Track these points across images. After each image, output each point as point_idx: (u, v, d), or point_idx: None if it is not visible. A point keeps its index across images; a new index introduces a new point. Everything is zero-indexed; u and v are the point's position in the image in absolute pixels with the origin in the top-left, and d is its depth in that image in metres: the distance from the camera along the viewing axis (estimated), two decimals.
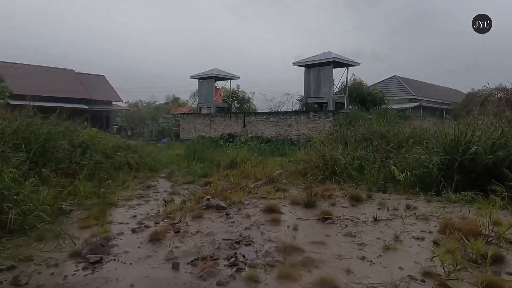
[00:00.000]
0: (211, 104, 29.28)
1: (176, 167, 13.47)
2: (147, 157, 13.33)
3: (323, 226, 5.22)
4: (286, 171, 11.18)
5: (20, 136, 7.83)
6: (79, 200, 7.26)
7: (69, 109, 33.06)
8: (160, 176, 11.57)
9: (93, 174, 9.39)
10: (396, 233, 4.75)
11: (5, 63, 32.86)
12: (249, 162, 13.04)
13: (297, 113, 23.49)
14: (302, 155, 13.56)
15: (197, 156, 14.71)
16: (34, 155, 7.71)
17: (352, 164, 9.50)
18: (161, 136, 33.30)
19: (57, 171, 7.92)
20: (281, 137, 23.36)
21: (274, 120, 24.00)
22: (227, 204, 6.39)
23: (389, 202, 6.69)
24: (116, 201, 7.58)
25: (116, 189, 8.92)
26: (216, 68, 29.52)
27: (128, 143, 14.07)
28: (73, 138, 10.02)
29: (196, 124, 28.89)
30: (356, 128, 13.08)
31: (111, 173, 10.31)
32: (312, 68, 23.57)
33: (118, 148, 12.66)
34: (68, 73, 36.86)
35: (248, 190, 7.60)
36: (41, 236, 5.09)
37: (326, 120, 21.58)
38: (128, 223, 5.87)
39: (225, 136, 25.70)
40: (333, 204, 6.50)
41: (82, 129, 13.63)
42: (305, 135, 22.19)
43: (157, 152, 16.34)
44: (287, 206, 6.43)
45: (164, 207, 6.95)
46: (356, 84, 27.93)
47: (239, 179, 9.12)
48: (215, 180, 9.92)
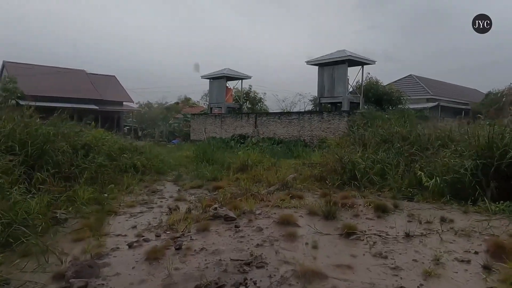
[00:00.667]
0: (222, 104, 28.70)
1: (185, 170, 12.87)
2: (155, 159, 12.77)
3: (347, 243, 4.50)
4: (300, 175, 10.47)
5: (16, 138, 7.30)
6: (77, 207, 6.69)
7: (80, 109, 32.91)
8: (167, 180, 10.98)
9: (95, 178, 8.85)
10: (436, 253, 4.01)
11: (17, 64, 32.86)
12: (261, 165, 12.37)
13: (310, 114, 22.74)
14: (317, 158, 12.83)
15: (207, 158, 14.11)
16: (31, 159, 7.16)
17: (372, 168, 8.74)
18: (171, 137, 32.86)
19: (55, 175, 7.35)
20: (293, 138, 22.62)
21: (287, 121, 23.27)
22: (236, 214, 5.72)
23: (419, 213, 5.92)
24: (117, 208, 6.99)
25: (119, 194, 8.36)
26: (227, 68, 28.95)
27: (135, 144, 13.51)
28: (76, 139, 9.47)
29: (206, 124, 28.34)
30: (374, 129, 12.27)
31: (115, 176, 9.75)
32: (326, 67, 22.78)
33: (124, 150, 12.12)
34: (79, 73, 36.73)
35: (260, 197, 6.91)
36: (26, 251, 4.50)
37: (341, 121, 20.77)
38: (126, 235, 5.25)
39: (236, 137, 25.08)
40: (356, 215, 5.77)
41: (88, 130, 13.18)
42: (318, 136, 21.42)
43: (166, 154, 15.79)
44: (303, 217, 5.72)
45: (168, 216, 6.33)
46: (372, 83, 27.03)
47: (250, 184, 8.45)
48: (224, 184, 9.27)
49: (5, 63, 33.04)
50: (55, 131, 8.26)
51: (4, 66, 32.99)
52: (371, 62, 23.02)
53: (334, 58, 22.26)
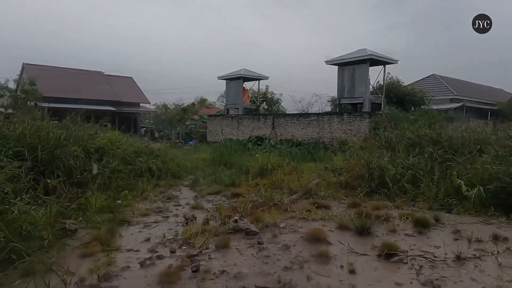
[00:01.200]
0: (238, 105, 28.24)
1: (201, 174, 12.44)
2: (171, 162, 12.35)
3: (388, 267, 3.91)
4: (323, 180, 9.88)
5: (26, 142, 6.95)
6: (88, 216, 6.27)
7: (97, 111, 33.01)
8: (184, 184, 10.55)
9: (109, 184, 8.47)
10: (497, 283, 3.38)
11: (37, 66, 33.19)
12: (281, 169, 11.81)
13: (330, 115, 22.03)
14: (339, 162, 12.20)
15: (224, 161, 13.65)
16: (41, 164, 6.80)
17: (403, 175, 8.07)
18: (188, 138, 32.61)
19: (66, 182, 6.98)
20: (312, 140, 21.97)
21: (305, 122, 22.62)
22: (259, 227, 5.18)
23: (465, 228, 5.27)
24: (130, 217, 6.56)
25: (133, 200, 7.94)
26: (244, 68, 28.48)
27: (151, 147, 13.12)
28: (90, 143, 9.11)
29: (223, 126, 27.93)
30: (401, 131, 11.55)
31: (130, 181, 9.37)
32: (346, 66, 22.04)
33: (139, 153, 11.75)
34: (97, 75, 36.90)
35: (283, 207, 6.35)
36: (29, 269, 4.08)
37: (362, 122, 20.00)
38: (138, 250, 4.79)
39: (253, 138, 24.56)
40: (393, 230, 5.15)
41: (104, 132, 12.90)
42: (338, 138, 20.72)
43: (182, 156, 15.39)
44: (333, 231, 5.14)
45: (184, 227, 5.85)
46: (393, 83, 26.14)
47: (271, 191, 7.91)
48: (243, 191, 8.76)
49: (25, 65, 33.42)
50: (67, 135, 7.87)
51: (23, 68, 33.39)
52: (393, 62, 22.17)
53: (354, 58, 21.51)
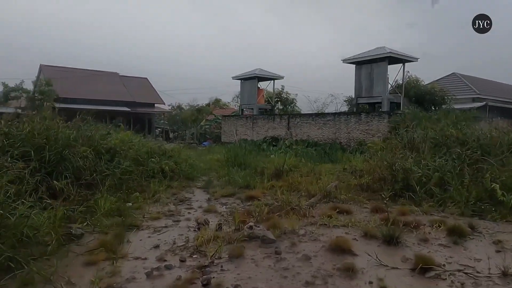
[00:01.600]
0: (253, 105, 27.87)
1: (215, 175, 12.10)
2: (184, 163, 12.05)
3: (424, 283, 3.44)
4: (342, 182, 9.40)
5: (34, 142, 6.71)
6: (96, 220, 5.97)
7: (112, 111, 33.12)
8: (197, 186, 10.21)
9: (120, 185, 8.19)
10: None
11: (54, 67, 33.52)
12: (297, 171, 11.37)
13: (347, 115, 21.46)
14: (359, 163, 11.67)
15: (238, 162, 13.28)
16: (48, 165, 6.54)
17: (429, 177, 7.54)
18: (202, 138, 32.40)
19: (74, 183, 6.70)
20: (329, 140, 21.43)
21: (321, 122, 22.10)
22: (276, 234, 4.76)
23: (507, 238, 4.74)
24: (140, 221, 6.23)
25: (144, 202, 7.63)
26: (258, 68, 28.11)
27: (164, 147, 12.84)
28: (101, 143, 8.85)
29: (238, 126, 27.61)
30: (424, 131, 10.95)
31: (142, 182, 9.09)
32: (364, 65, 21.43)
33: (152, 154, 11.49)
34: (112, 76, 37.08)
35: (301, 211, 5.92)
36: (27, 279, 3.78)
37: (380, 122, 19.38)
38: (146, 259, 4.44)
39: (268, 139, 24.15)
40: (424, 239, 4.65)
41: (116, 132, 12.69)
42: (356, 138, 20.13)
43: (196, 157, 15.09)
44: (358, 240, 4.68)
45: (196, 233, 5.49)
46: (412, 82, 25.35)
47: (288, 194, 7.48)
48: (258, 193, 8.36)
49: (42, 66, 33.81)
50: (76, 135, 7.61)
51: (41, 69, 33.77)
52: (413, 59, 21.44)
53: (373, 56, 20.89)
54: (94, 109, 21.09)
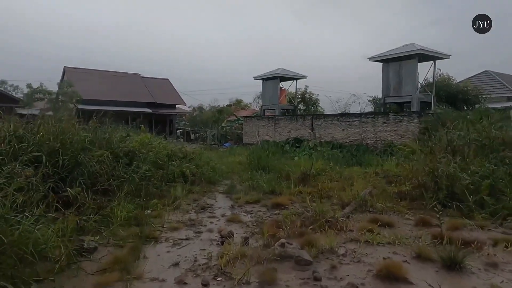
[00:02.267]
0: (275, 106, 27.26)
1: (238, 179, 11.54)
2: (205, 166, 11.55)
3: None
4: (374, 187, 8.66)
5: (49, 145, 6.30)
6: (112, 231, 5.49)
7: (134, 113, 33.16)
8: (219, 191, 9.67)
9: (139, 190, 7.73)
10: None
11: (77, 69, 33.88)
12: (325, 175, 10.67)
13: (374, 115, 20.55)
14: (391, 167, 10.87)
15: (262, 165, 12.69)
16: (62, 170, 6.11)
17: (479, 184, 6.71)
18: (223, 140, 31.99)
19: (89, 190, 6.25)
20: (354, 141, 20.57)
21: (347, 123, 21.24)
22: (313, 254, 4.12)
23: None
24: (158, 232, 5.71)
25: (163, 210, 7.14)
26: (281, 68, 27.47)
27: (185, 150, 12.38)
28: (119, 146, 8.42)
29: (259, 127, 27.02)
30: (465, 132, 10.04)
31: (162, 187, 8.60)
32: (392, 63, 20.48)
33: (173, 156, 11.04)
34: (134, 77, 37.21)
35: (338, 224, 5.24)
36: None
37: (410, 123, 18.38)
38: (164, 280, 3.89)
39: (291, 140, 23.46)
40: (493, 264, 3.90)
41: (136, 134, 12.33)
42: (383, 139, 19.20)
43: (217, 159, 14.60)
44: (410, 263, 3.97)
45: (219, 248, 4.92)
46: (443, 80, 24.15)
47: (319, 202, 6.82)
48: (285, 200, 7.72)
49: (66, 68, 34.22)
50: (92, 138, 7.18)
51: (64, 71, 34.17)
52: (444, 57, 20.34)
53: (401, 53, 19.93)
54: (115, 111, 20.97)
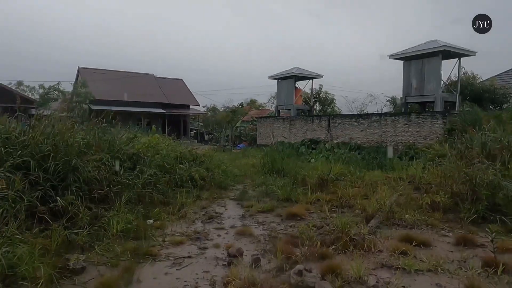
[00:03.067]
0: (290, 106, 26.44)
1: (250, 183, 10.84)
2: (216, 169, 10.87)
3: None
4: (400, 195, 7.82)
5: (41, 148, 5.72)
6: (107, 246, 4.86)
7: (147, 113, 32.86)
8: (230, 197, 8.98)
9: (143, 197, 7.12)
10: None
11: (91, 69, 33.79)
12: (344, 179, 9.87)
13: (394, 115, 19.52)
14: (417, 171, 9.98)
15: (276, 168, 11.97)
16: (54, 176, 5.51)
17: None
18: (238, 141, 31.35)
19: (84, 198, 5.64)
20: (373, 143, 19.59)
21: (365, 124, 20.27)
22: (337, 284, 3.37)
23: None
24: (158, 248, 5.05)
25: (168, 219, 6.49)
26: (296, 67, 26.64)
27: (195, 152, 11.74)
28: (121, 149, 7.82)
29: (274, 128, 26.26)
30: (503, 134, 9.09)
31: (167, 194, 7.95)
32: (414, 60, 19.45)
33: (182, 159, 10.41)
34: (148, 78, 36.94)
35: (363, 242, 4.46)
36: None
37: (434, 123, 17.31)
38: None
39: (307, 142, 22.62)
40: None
41: (144, 135, 11.79)
42: (404, 141, 18.19)
43: (230, 162, 13.92)
44: None
45: (225, 269, 4.23)
46: (467, 79, 22.94)
47: (340, 213, 6.04)
48: (302, 210, 6.97)
49: (80, 68, 34.18)
50: (88, 140, 6.57)
51: (79, 71, 34.14)
52: (470, 53, 19.17)
53: (424, 50, 18.87)
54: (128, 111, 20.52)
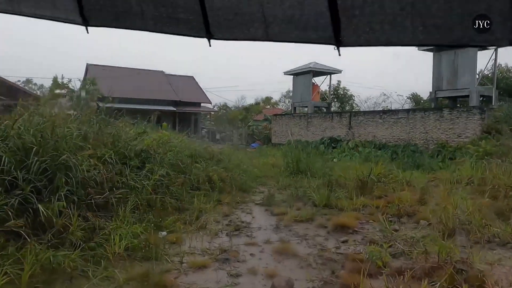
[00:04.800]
0: (307, 103, 24.97)
1: (275, 185, 9.50)
2: (236, 169, 9.55)
3: None
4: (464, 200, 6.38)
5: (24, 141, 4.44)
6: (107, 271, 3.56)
7: (157, 111, 31.74)
8: (255, 201, 7.64)
9: (153, 202, 5.81)
10: None
11: (100, 66, 32.74)
12: (387, 181, 8.47)
13: (424, 111, 17.96)
14: (474, 172, 8.51)
15: (302, 169, 10.63)
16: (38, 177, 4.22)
17: None
18: (251, 140, 29.97)
19: (79, 204, 4.35)
20: (400, 141, 18.06)
21: (391, 121, 18.74)
22: None
23: None
24: (173, 275, 3.73)
25: (184, 229, 5.18)
26: (313, 62, 25.16)
27: (212, 150, 10.41)
28: (128, 144, 6.54)
29: (290, 126, 24.83)
30: None
31: (183, 197, 6.63)
32: (445, 52, 17.87)
33: (197, 158, 9.09)
34: (158, 75, 35.75)
35: (480, 276, 3.07)
36: None
37: (470, 119, 15.72)
38: None
39: (326, 140, 21.14)
40: None
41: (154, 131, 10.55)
42: (436, 139, 16.60)
43: (247, 161, 12.58)
44: None
45: None
46: (502, 71, 21.30)
47: (399, 223, 4.65)
48: (351, 220, 5.58)
49: (88, 65, 33.14)
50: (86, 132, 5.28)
51: (87, 69, 33.11)
52: None
53: None
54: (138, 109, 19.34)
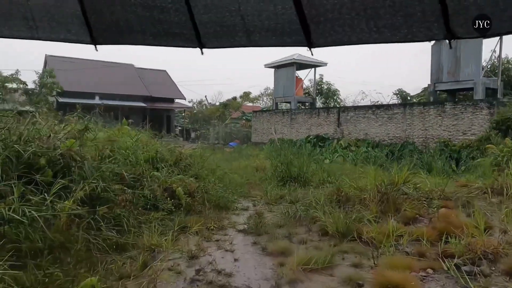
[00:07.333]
0: (291, 98, 22.87)
1: (262, 196, 7.26)
2: (210, 177, 7.18)
3: None
4: None
5: None
6: None
7: (126, 107, 28.92)
8: (236, 225, 5.34)
9: (69, 240, 3.42)
10: None
11: (60, 57, 29.55)
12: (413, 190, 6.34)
13: (423, 105, 16.13)
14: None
15: (294, 174, 8.50)
16: None
17: None
18: (228, 138, 27.59)
19: None
20: (396, 140, 16.19)
21: (385, 116, 16.82)
22: None
23: None
24: None
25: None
26: (297, 53, 22.96)
27: (179, 151, 7.93)
28: (39, 147, 4.10)
29: (273, 123, 22.62)
30: None
31: (127, 224, 4.24)
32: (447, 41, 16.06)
33: (158, 162, 6.68)
34: (127, 68, 32.84)
35: None
36: None
37: (476, 114, 13.97)
38: None
39: (312, 138, 19.07)
40: None
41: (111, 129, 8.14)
42: (437, 136, 14.80)
43: (225, 164, 10.24)
44: None
45: None
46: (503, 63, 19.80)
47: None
48: (405, 278, 3.31)
49: (47, 57, 29.89)
50: None
51: (46, 60, 29.87)
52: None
53: None
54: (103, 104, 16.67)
